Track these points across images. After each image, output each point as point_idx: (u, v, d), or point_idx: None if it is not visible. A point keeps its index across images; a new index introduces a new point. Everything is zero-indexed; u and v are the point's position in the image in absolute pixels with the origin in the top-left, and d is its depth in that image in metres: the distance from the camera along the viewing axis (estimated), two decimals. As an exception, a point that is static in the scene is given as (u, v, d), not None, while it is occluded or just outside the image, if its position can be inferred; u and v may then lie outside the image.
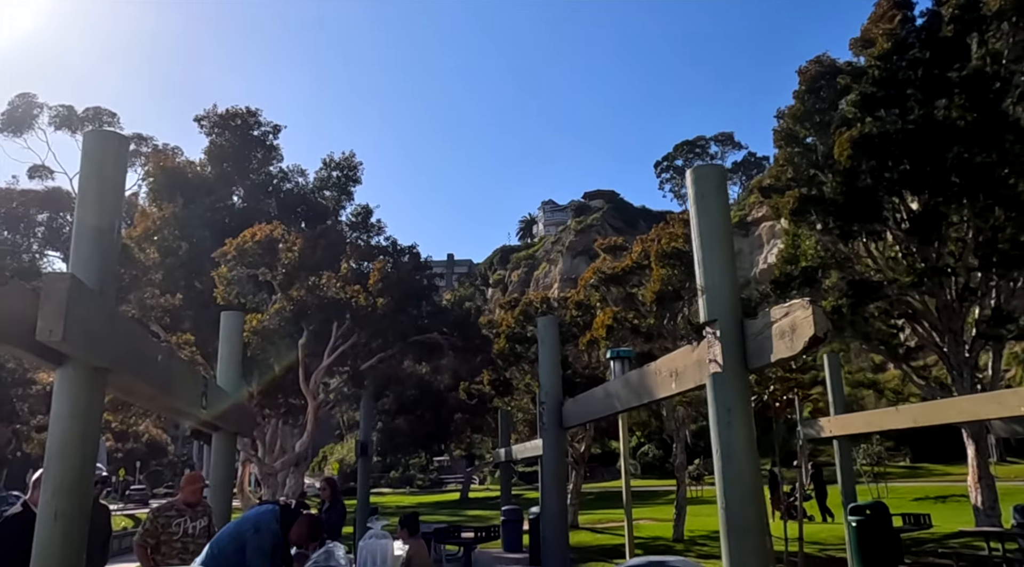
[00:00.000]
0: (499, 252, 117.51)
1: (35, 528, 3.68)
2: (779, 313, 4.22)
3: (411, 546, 6.73)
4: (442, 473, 65.20)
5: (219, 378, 8.04)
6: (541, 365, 9.07)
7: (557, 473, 8.65)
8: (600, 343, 17.58)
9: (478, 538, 14.13)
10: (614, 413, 7.38)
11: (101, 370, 3.84)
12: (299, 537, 4.58)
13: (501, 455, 19.35)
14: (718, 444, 4.50)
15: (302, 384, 11.22)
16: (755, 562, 4.26)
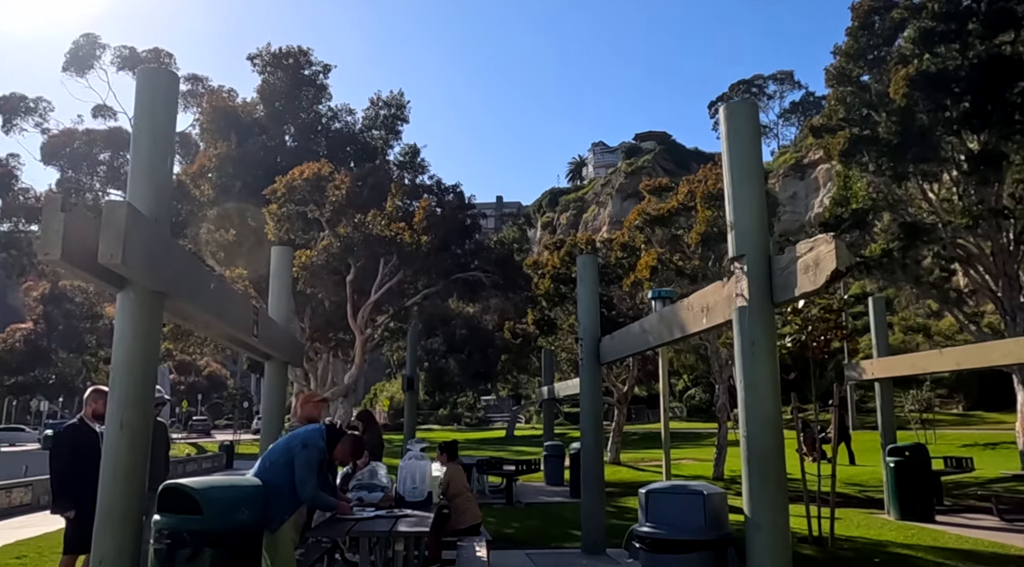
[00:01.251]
0: (548, 194, 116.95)
1: (104, 436, 4.05)
2: (804, 248, 4.29)
3: (449, 469, 7.08)
4: (489, 412, 66.53)
5: (270, 310, 8.41)
6: (580, 302, 9.23)
7: (594, 407, 8.88)
8: (644, 284, 17.64)
9: (519, 471, 14.59)
10: (648, 348, 7.54)
11: (158, 294, 4.14)
12: (343, 454, 4.90)
13: (544, 393, 19.75)
14: (742, 376, 4.64)
15: (350, 319, 11.62)
16: (773, 487, 4.43)
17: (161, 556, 4.12)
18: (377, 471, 6.10)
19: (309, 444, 4.77)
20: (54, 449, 5.73)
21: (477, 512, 7.12)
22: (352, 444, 4.91)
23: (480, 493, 15.07)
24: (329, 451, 4.85)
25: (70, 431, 5.79)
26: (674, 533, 4.49)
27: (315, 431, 4.92)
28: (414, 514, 5.47)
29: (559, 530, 10.39)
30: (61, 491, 5.57)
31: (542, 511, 12.63)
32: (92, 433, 5.60)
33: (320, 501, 4.79)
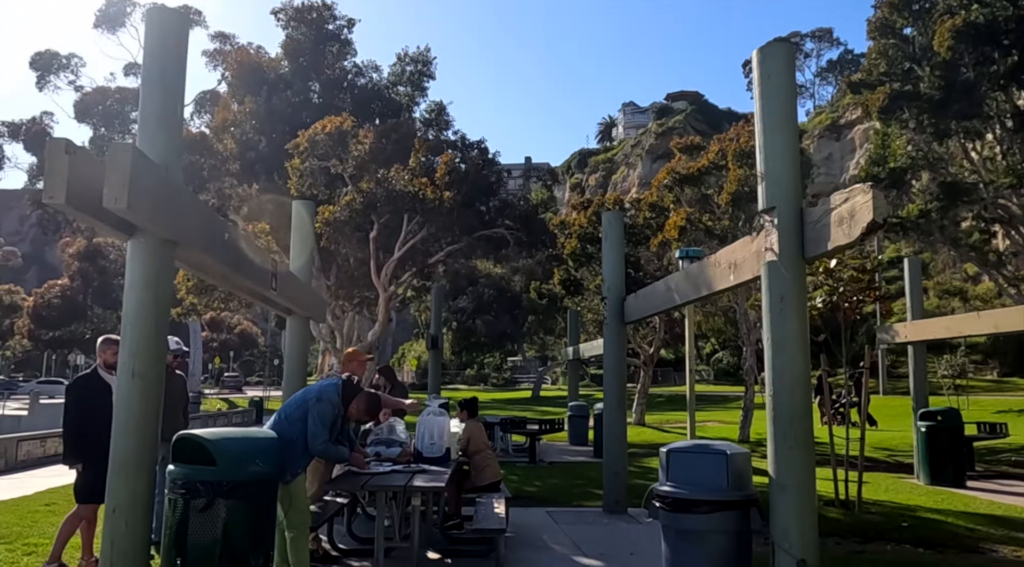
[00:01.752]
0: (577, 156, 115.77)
1: (116, 386, 4.01)
2: (839, 199, 4.07)
3: (469, 426, 7.02)
4: (516, 373, 66.87)
5: (291, 265, 8.35)
6: (605, 260, 9.05)
7: (617, 366, 8.76)
8: (672, 245, 17.36)
9: (542, 430, 14.59)
10: (674, 306, 7.36)
11: (169, 243, 4.05)
12: (357, 412, 4.82)
13: (569, 353, 19.70)
14: (770, 333, 4.47)
15: (373, 277, 11.56)
16: (800, 448, 4.28)
17: (176, 506, 4.10)
18: (395, 426, 6.05)
19: (323, 398, 4.71)
20: (66, 401, 5.68)
21: (497, 469, 7.07)
22: (367, 402, 4.83)
23: (504, 451, 15.13)
24: (344, 407, 4.78)
25: (80, 382, 5.75)
26: (695, 493, 4.36)
27: (331, 385, 4.86)
28: (431, 469, 5.42)
29: (581, 489, 10.37)
30: (70, 443, 5.54)
31: (565, 470, 12.62)
32: (103, 383, 5.57)
33: (331, 453, 4.74)
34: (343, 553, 6.19)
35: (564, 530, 7.50)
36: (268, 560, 4.29)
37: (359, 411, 4.81)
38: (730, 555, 4.36)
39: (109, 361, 5.59)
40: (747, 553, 4.46)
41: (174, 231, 4.05)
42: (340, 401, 4.76)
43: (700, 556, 4.37)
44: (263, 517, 4.24)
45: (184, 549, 4.04)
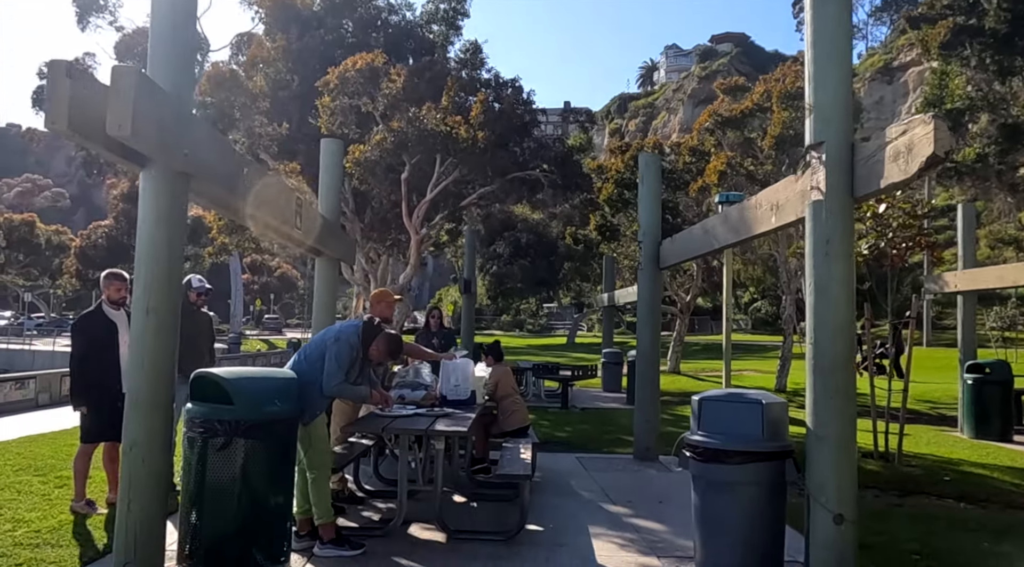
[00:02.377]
0: (617, 100, 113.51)
1: (131, 323, 3.91)
2: (895, 131, 3.73)
3: (496, 370, 6.89)
4: (551, 319, 66.99)
5: (320, 205, 8.22)
6: (641, 203, 8.74)
7: (651, 312, 8.53)
8: (712, 190, 16.87)
9: (575, 376, 14.49)
10: (711, 251, 7.07)
11: (183, 175, 3.90)
12: (377, 354, 4.69)
13: (604, 299, 19.47)
14: (812, 277, 4.19)
15: (405, 219, 11.40)
16: (840, 400, 4.05)
17: (194, 444, 4.05)
18: (421, 370, 5.93)
19: (342, 339, 4.58)
20: (72, 339, 5.55)
21: (525, 414, 6.96)
22: (387, 343, 4.68)
23: (536, 397, 15.13)
24: (364, 349, 4.65)
25: (84, 320, 5.59)
26: (728, 442, 4.17)
27: (351, 326, 4.73)
28: (455, 414, 5.30)
29: (612, 436, 10.27)
30: (76, 384, 5.44)
31: (596, 416, 12.55)
32: (107, 320, 5.50)
33: (345, 392, 4.62)
34: (369, 494, 6.18)
35: (593, 476, 7.41)
36: (288, 499, 4.24)
37: (379, 353, 4.68)
38: (763, 508, 4.19)
39: (113, 297, 5.53)
40: (780, 506, 4.28)
41: (187, 163, 3.89)
42: (360, 342, 4.63)
43: (731, 508, 4.20)
44: (282, 457, 4.18)
45: (203, 488, 4.00)
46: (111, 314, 5.58)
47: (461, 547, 4.83)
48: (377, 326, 4.73)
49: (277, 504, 4.15)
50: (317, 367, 4.56)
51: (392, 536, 4.96)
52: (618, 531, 5.39)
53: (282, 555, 4.22)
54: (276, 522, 4.17)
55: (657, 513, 5.93)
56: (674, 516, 5.82)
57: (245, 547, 4.02)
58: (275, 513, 4.15)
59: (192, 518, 4.00)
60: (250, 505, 4.03)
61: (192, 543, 3.99)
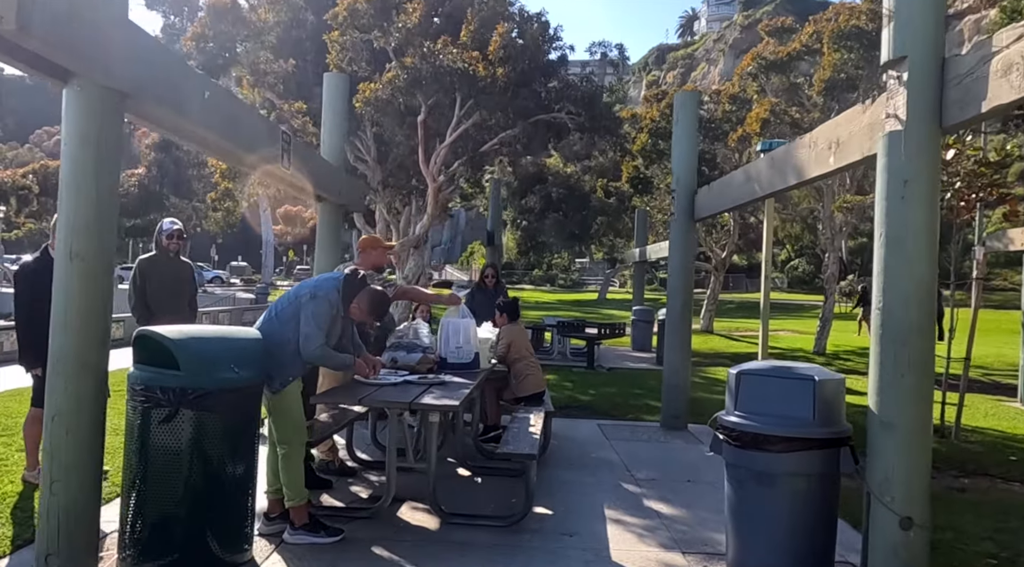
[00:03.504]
0: (655, 51, 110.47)
1: (55, 268, 3.28)
2: (1007, 37, 2.89)
3: (509, 331, 6.20)
4: (583, 274, 66.17)
5: (323, 145, 7.54)
6: (675, 148, 7.90)
7: (684, 268, 7.75)
8: (752, 140, 15.81)
9: (602, 334, 13.79)
10: (753, 200, 6.25)
11: (113, 92, 3.21)
12: (359, 312, 4.01)
13: (636, 255, 18.63)
14: (884, 225, 3.40)
15: (422, 165, 10.65)
16: (915, 377, 3.30)
17: (134, 416, 3.44)
18: (419, 330, 5.25)
19: (319, 295, 3.91)
20: (15, 291, 4.77)
21: (540, 379, 6.28)
22: (370, 301, 4.00)
23: (561, 355, 14.48)
24: (345, 306, 3.98)
25: (28, 269, 4.79)
26: (771, 426, 3.45)
27: (329, 280, 4.06)
28: (453, 381, 4.63)
29: (638, 401, 9.59)
30: (23, 342, 4.71)
31: (623, 378, 11.86)
32: None
33: (327, 359, 3.98)
34: (363, 464, 5.59)
35: (614, 447, 6.75)
36: (249, 479, 3.63)
37: (361, 311, 4.01)
38: (811, 503, 3.48)
39: None
40: (832, 501, 3.57)
41: (120, 78, 3.20)
42: (340, 299, 3.96)
43: (773, 503, 3.50)
44: (240, 431, 3.55)
45: (146, 467, 3.40)
46: None
47: (455, 534, 4.20)
48: (360, 280, 4.05)
49: (235, 484, 3.55)
50: (290, 327, 3.91)
51: (378, 519, 4.35)
52: (638, 516, 4.73)
53: (242, 542, 3.64)
54: (234, 505, 3.58)
55: (684, 495, 5.26)
56: (703, 499, 5.14)
57: (196, 534, 3.44)
58: (232, 495, 3.55)
59: (132, 502, 3.42)
60: (202, 486, 3.43)
61: (132, 531, 3.41)
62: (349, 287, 3.98)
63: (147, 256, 5.53)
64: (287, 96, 10.60)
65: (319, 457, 5.31)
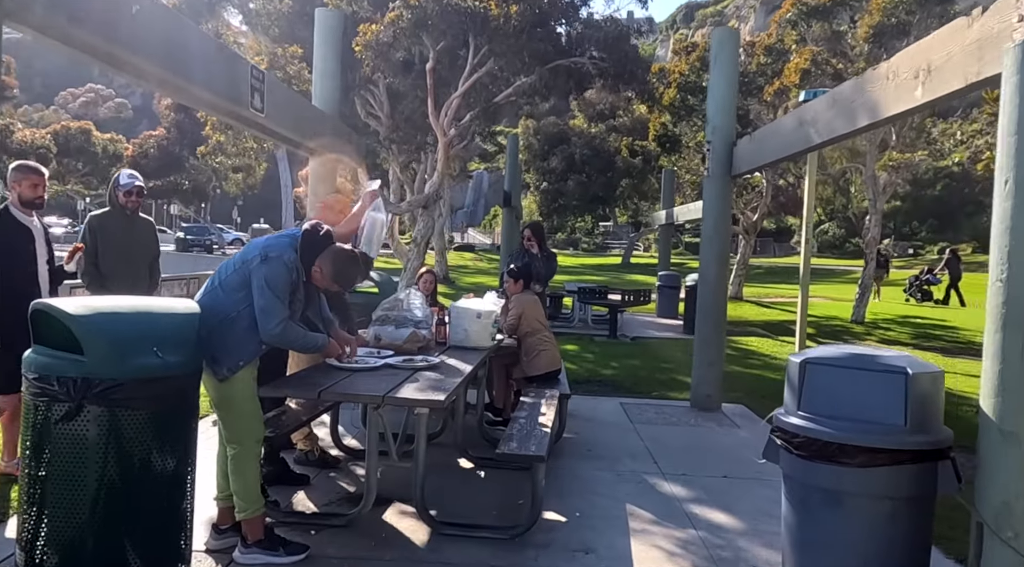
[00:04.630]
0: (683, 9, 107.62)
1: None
2: None
3: (520, 301, 5.40)
4: (607, 238, 65.11)
5: (314, 91, 6.74)
6: (711, 93, 6.97)
7: (719, 231, 6.88)
8: (791, 93, 14.72)
9: (626, 302, 12.96)
10: (808, 149, 5.33)
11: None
12: (320, 277, 3.24)
13: (662, 217, 17.68)
14: (1013, 169, 2.53)
15: (431, 117, 9.79)
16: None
17: (29, 412, 2.71)
18: (412, 299, 4.45)
19: (272, 257, 3.13)
20: None
21: (555, 355, 5.50)
22: (334, 263, 3.20)
23: (582, 323, 13.70)
24: (305, 270, 3.20)
25: None
26: (848, 433, 2.65)
27: (283, 237, 3.27)
28: (448, 363, 3.84)
29: (665, 375, 8.80)
30: None
31: (648, 349, 11.07)
32: (18, 225, 4.15)
33: (292, 339, 3.19)
34: (349, 453, 4.87)
35: (639, 432, 5.98)
36: (182, 486, 2.90)
37: (323, 276, 3.22)
38: (896, 533, 2.69)
39: (27, 195, 4.15)
40: (925, 531, 2.77)
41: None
42: (299, 260, 3.18)
43: (846, 531, 2.71)
44: (167, 430, 2.81)
45: (45, 477, 2.68)
46: (22, 218, 4.22)
47: (446, 550, 3.47)
48: (323, 236, 3.26)
49: (163, 493, 2.82)
50: (238, 299, 3.14)
51: (356, 527, 3.62)
52: (668, 525, 3.97)
53: (175, 561, 2.93)
54: (163, 518, 2.85)
55: (721, 495, 4.48)
56: (743, 500, 4.37)
57: (112, 554, 2.72)
58: (160, 506, 2.82)
59: (30, 521, 2.71)
60: (119, 497, 2.70)
61: (31, 556, 2.70)
62: (309, 245, 3.19)
63: (99, 212, 4.78)
64: (281, 40, 9.74)
65: (299, 447, 4.61)
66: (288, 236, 3.24)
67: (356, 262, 3.25)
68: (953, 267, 21.54)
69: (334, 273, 3.19)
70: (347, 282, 3.29)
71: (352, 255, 3.25)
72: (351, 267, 3.23)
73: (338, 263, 3.19)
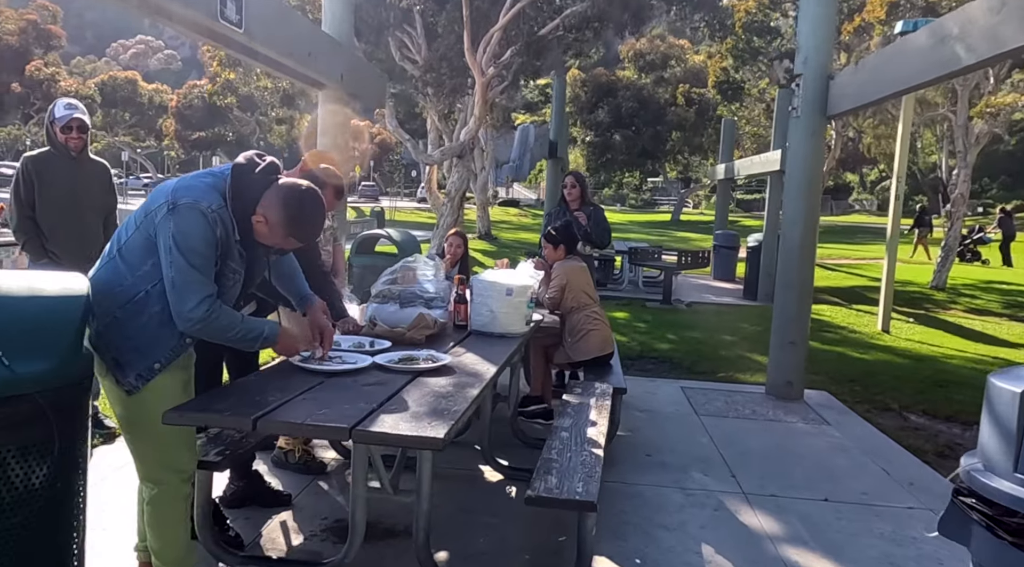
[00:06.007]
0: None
1: None
2: None
3: (564, 269, 4.33)
4: (655, 194, 63.28)
5: (325, 16, 5.69)
6: (802, 12, 5.69)
7: (809, 183, 5.67)
8: (873, 30, 13.12)
9: (683, 263, 11.79)
10: (950, 75, 4.08)
11: None
12: (267, 231, 2.18)
13: (720, 172, 16.27)
14: None
15: (468, 55, 8.66)
16: None
17: None
18: (422, 268, 3.36)
19: (182, 205, 2.09)
20: None
21: (607, 336, 4.44)
22: (286, 204, 2.14)
23: (632, 286, 12.58)
24: (238, 222, 2.17)
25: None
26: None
27: (203, 178, 2.20)
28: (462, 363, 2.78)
29: (730, 350, 7.68)
30: None
31: (708, 317, 9.93)
32: None
33: (220, 328, 2.16)
34: (345, 456, 3.91)
35: (707, 427, 4.93)
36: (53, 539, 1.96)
37: (271, 227, 2.18)
38: None
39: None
40: None
41: None
42: (228, 210, 2.14)
43: None
44: (22, 481, 1.85)
45: None
46: None
47: (455, 625, 2.49)
48: (265, 170, 2.20)
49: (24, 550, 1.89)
50: (146, 272, 2.15)
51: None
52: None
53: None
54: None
55: (826, 530, 3.42)
56: (858, 544, 3.30)
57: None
58: None
59: None
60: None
61: None
62: (244, 184, 2.15)
63: (36, 153, 3.83)
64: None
65: (278, 445, 3.67)
66: (210, 175, 2.20)
67: (317, 201, 2.20)
68: (1006, 226, 20.19)
69: (286, 220, 2.15)
70: (307, 232, 2.23)
71: (310, 192, 2.19)
72: (311, 208, 2.19)
73: (291, 205, 2.14)
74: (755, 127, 18.50)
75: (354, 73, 5.71)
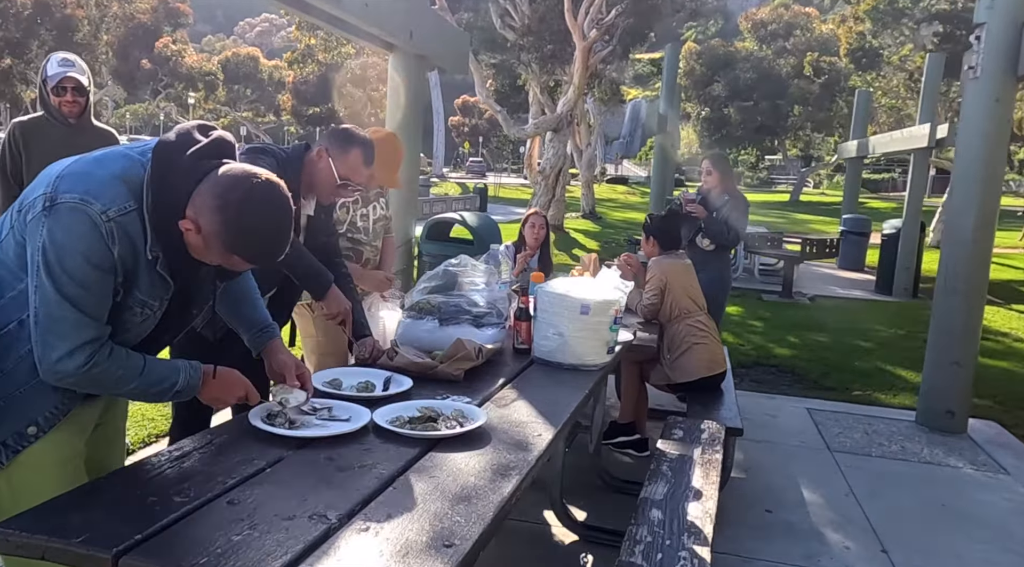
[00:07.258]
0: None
1: None
2: None
3: (661, 268, 3.41)
4: (772, 173, 60.12)
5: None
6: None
7: (988, 158, 4.45)
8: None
9: (806, 253, 10.49)
10: None
11: None
12: (200, 244, 1.39)
13: (851, 149, 14.62)
14: None
15: (567, 16, 7.74)
16: None
17: None
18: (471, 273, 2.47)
19: (62, 204, 1.34)
20: None
21: (717, 353, 3.50)
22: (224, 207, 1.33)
23: (747, 274, 11.38)
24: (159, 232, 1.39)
25: None
26: None
27: (109, 163, 1.42)
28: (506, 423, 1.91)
29: (867, 361, 6.48)
30: None
31: (835, 315, 8.67)
32: None
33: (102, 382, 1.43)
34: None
35: (841, 466, 3.92)
36: None
37: (205, 239, 1.38)
38: None
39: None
40: None
41: None
42: (143, 213, 1.37)
43: None
44: None
45: None
46: None
47: None
48: (200, 153, 1.41)
49: None
50: (19, 293, 1.42)
51: None
52: None
53: None
54: None
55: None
56: None
57: None
58: None
59: None
60: None
61: None
62: (167, 171, 1.37)
63: (26, 118, 3.22)
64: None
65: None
66: (124, 157, 1.43)
67: (273, 199, 1.38)
68: None
69: (223, 227, 1.37)
70: (256, 247, 1.42)
71: (263, 186, 1.37)
72: (262, 211, 1.39)
73: (230, 205, 1.36)
74: (893, 99, 16.58)
75: (427, 30, 4.92)
